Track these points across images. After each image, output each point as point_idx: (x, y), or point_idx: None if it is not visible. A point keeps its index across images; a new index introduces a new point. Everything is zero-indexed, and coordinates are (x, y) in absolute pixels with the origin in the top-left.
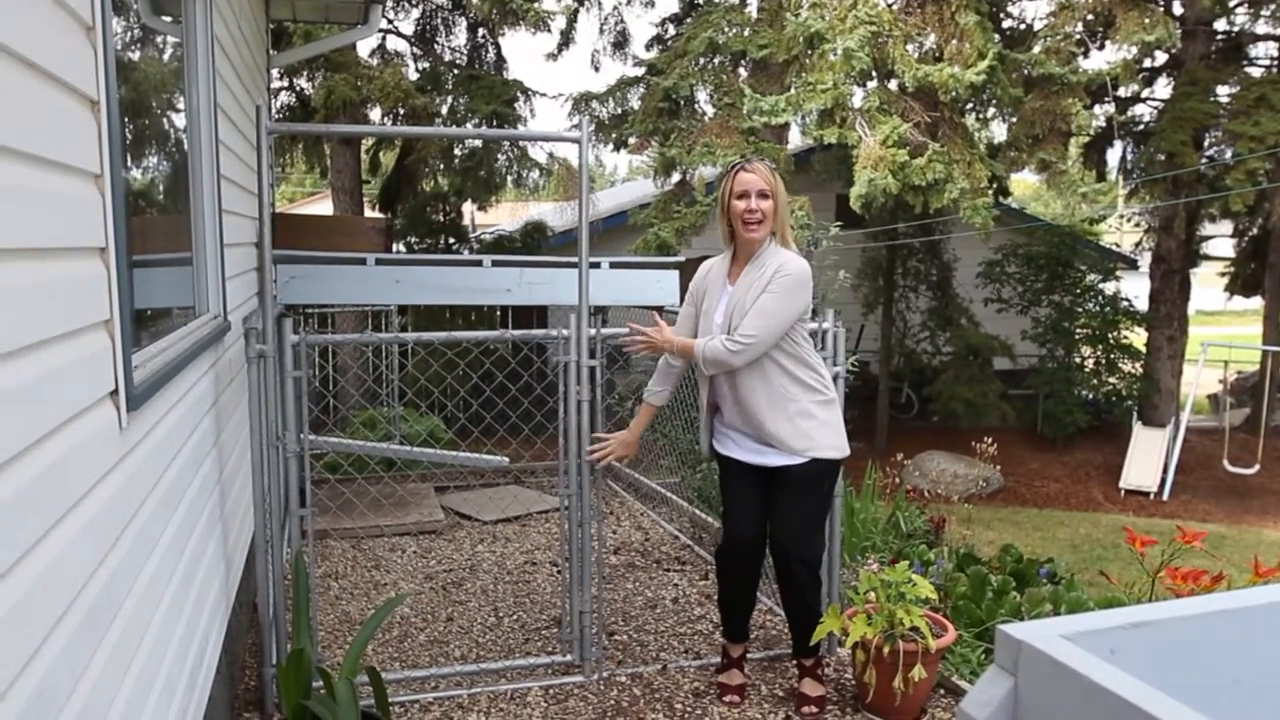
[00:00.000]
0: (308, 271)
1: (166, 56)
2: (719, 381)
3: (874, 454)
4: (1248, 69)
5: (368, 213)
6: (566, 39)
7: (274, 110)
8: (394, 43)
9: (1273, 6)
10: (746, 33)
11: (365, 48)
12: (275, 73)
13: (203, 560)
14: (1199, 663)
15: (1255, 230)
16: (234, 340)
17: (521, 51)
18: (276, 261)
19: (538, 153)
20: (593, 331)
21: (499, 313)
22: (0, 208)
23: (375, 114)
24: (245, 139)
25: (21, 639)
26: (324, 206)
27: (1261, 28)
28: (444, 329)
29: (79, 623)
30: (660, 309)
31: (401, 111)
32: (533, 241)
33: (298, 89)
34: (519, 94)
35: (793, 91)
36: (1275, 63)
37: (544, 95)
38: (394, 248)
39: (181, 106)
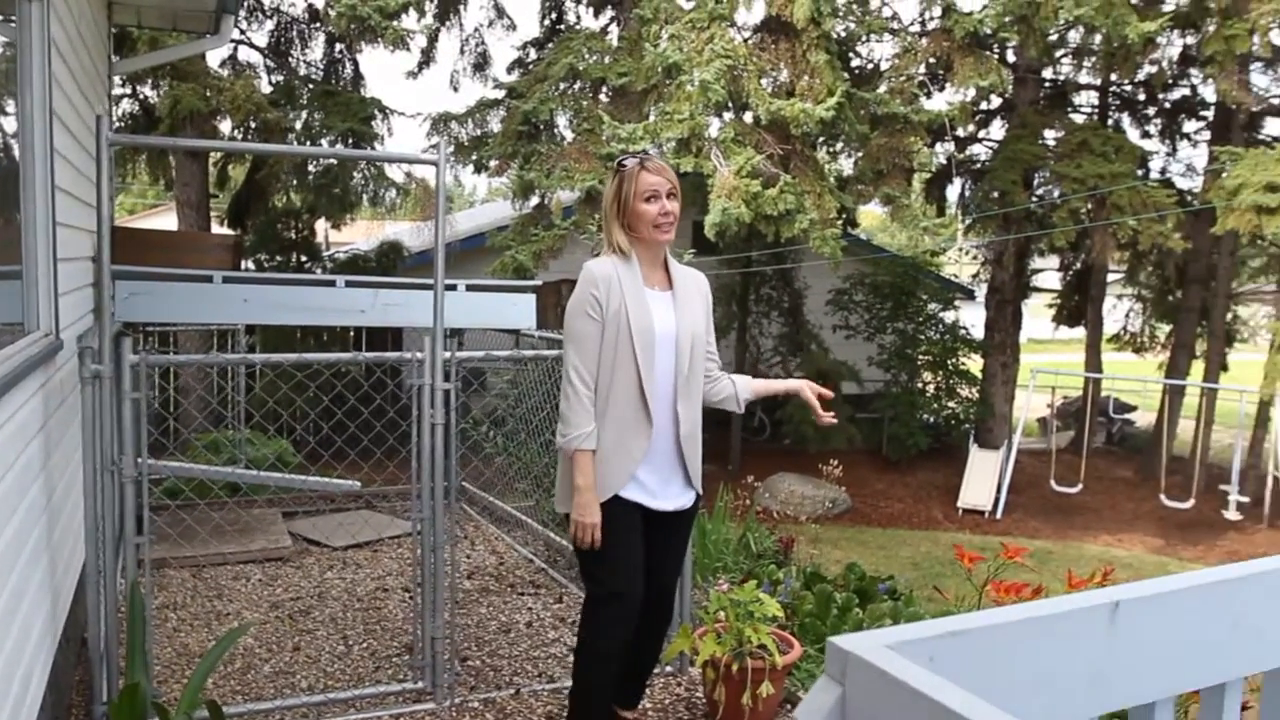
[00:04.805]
0: (150, 288)
1: None
2: (666, 410)
3: (726, 476)
4: (1072, 115)
5: (215, 228)
6: (427, 58)
7: (116, 119)
8: (246, 54)
9: (1093, 58)
10: (607, 60)
11: (215, 57)
12: (117, 79)
13: (26, 593)
14: (1009, 667)
15: (1078, 265)
16: (67, 359)
17: (381, 69)
18: (115, 277)
19: (395, 172)
20: (448, 354)
21: (352, 334)
22: None
23: (225, 126)
24: (83, 148)
25: None
26: (168, 220)
27: (1084, 78)
28: (295, 350)
29: None
30: (517, 332)
31: (253, 125)
32: (388, 261)
33: (141, 97)
34: (377, 112)
35: (651, 119)
36: (1095, 110)
37: (402, 114)
38: (243, 265)
39: (12, 111)
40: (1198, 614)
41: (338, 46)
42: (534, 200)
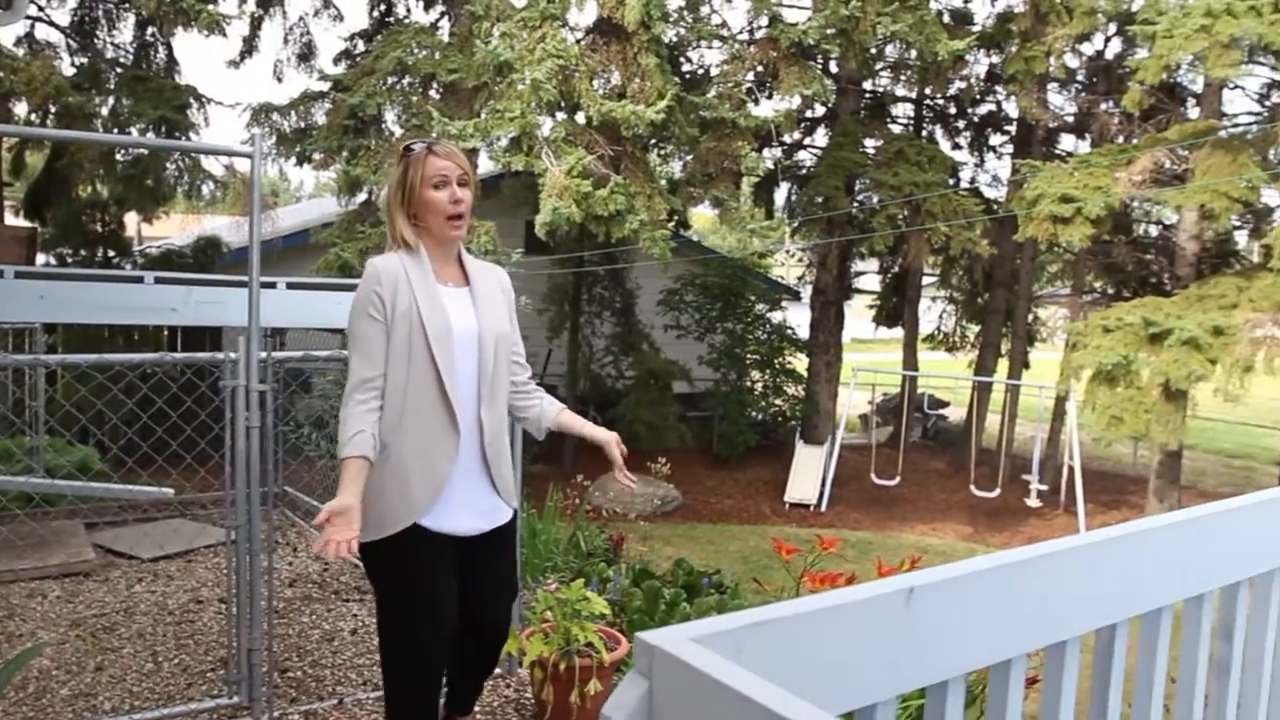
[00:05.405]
0: None
1: None
2: (471, 416)
3: (560, 476)
4: (890, 126)
5: (9, 219)
6: (249, 47)
7: None
8: (45, 32)
9: (909, 72)
10: (437, 56)
11: (9, 35)
12: None
13: None
14: (813, 654)
15: (896, 268)
16: None
17: (198, 56)
18: None
19: (212, 164)
20: (263, 355)
21: (167, 334)
22: None
23: (20, 109)
24: None
25: None
26: None
27: (901, 91)
28: (103, 350)
29: None
30: (342, 332)
31: (53, 109)
32: (206, 258)
33: None
34: (192, 100)
35: (482, 117)
36: (911, 122)
37: (221, 104)
38: (41, 259)
39: None
40: (985, 596)
41: (149, 29)
42: (361, 197)
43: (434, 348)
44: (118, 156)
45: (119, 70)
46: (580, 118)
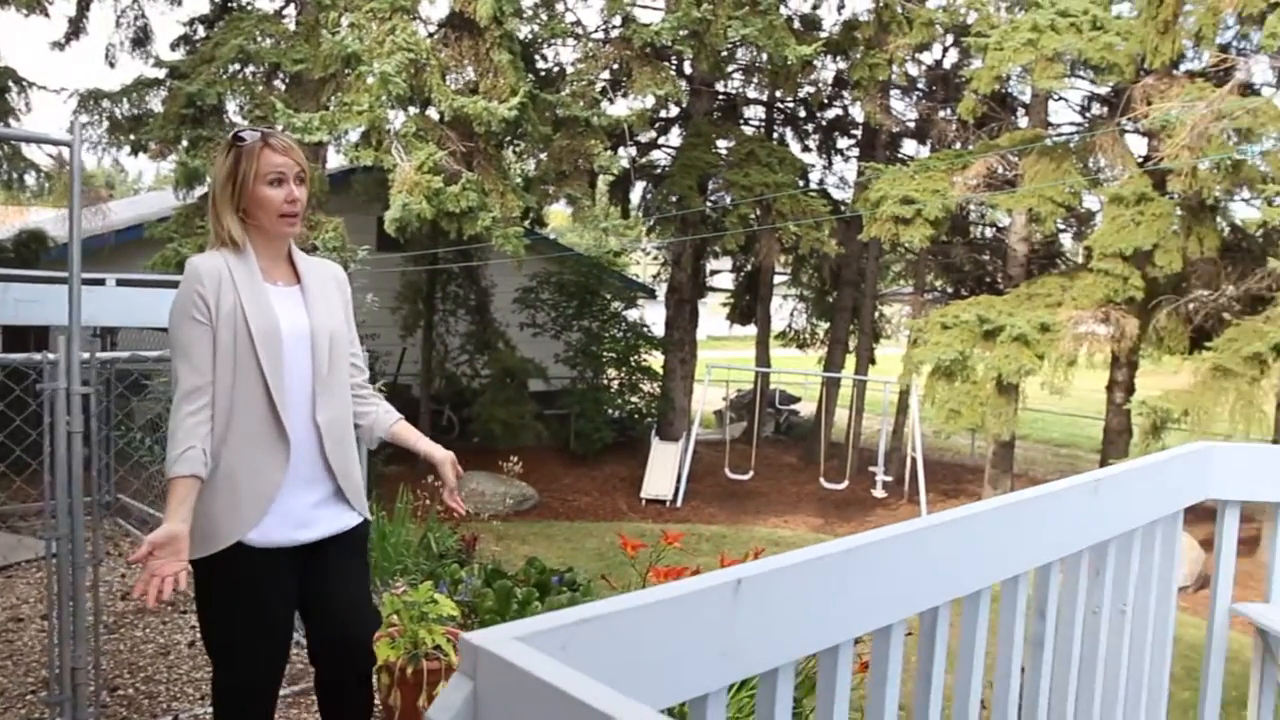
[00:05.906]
0: None
1: None
2: (304, 421)
3: (412, 477)
4: (743, 127)
5: None
6: (76, 28)
7: None
8: None
9: (760, 75)
10: (282, 45)
11: None
12: None
13: None
14: (641, 648)
15: (749, 267)
16: None
17: (18, 37)
18: None
19: (36, 152)
20: (86, 355)
21: None
22: None
23: None
24: None
25: None
26: None
27: (752, 93)
28: None
29: None
30: None
31: None
32: (29, 252)
33: None
34: (11, 84)
35: (330, 110)
36: (763, 124)
37: (45, 88)
38: None
39: None
40: (811, 585)
41: None
42: (200, 189)
43: (259, 351)
44: None
45: None
46: (432, 113)
